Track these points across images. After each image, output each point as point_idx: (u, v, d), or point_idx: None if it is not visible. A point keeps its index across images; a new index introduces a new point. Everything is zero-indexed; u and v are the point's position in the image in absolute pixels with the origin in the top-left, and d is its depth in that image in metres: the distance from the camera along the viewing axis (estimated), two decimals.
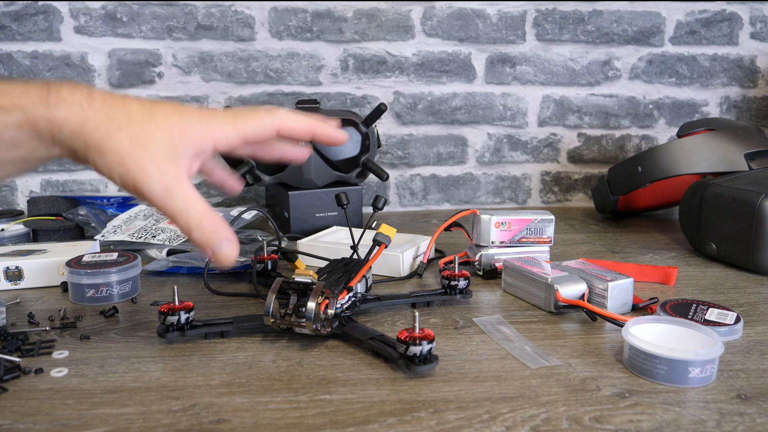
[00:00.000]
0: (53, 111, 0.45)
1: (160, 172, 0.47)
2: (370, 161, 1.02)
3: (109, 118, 0.47)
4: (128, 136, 0.47)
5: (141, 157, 0.47)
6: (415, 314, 0.52)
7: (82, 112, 0.46)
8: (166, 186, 0.47)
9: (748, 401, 0.49)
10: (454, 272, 0.69)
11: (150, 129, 0.48)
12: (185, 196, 0.48)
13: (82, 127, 0.46)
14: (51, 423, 0.45)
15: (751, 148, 0.95)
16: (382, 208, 0.78)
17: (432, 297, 0.69)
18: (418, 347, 0.51)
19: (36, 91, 0.46)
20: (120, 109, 0.48)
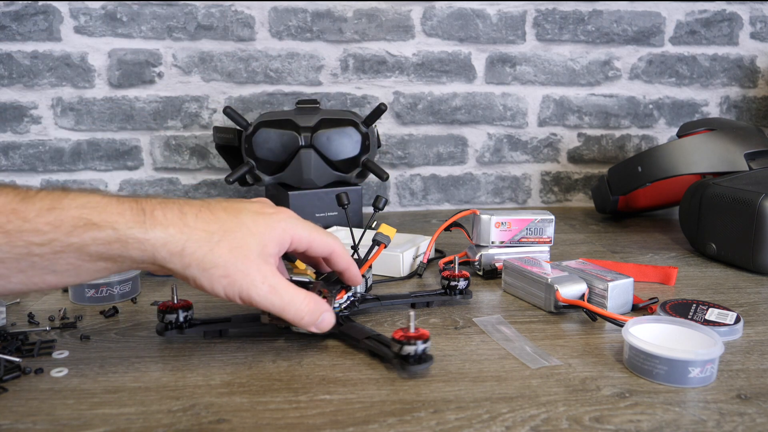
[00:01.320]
0: (149, 233, 0.47)
1: (262, 275, 0.51)
2: (370, 161, 1.02)
3: (207, 233, 0.49)
4: (228, 247, 0.50)
5: (243, 266, 0.50)
6: (410, 314, 0.52)
7: (180, 233, 0.48)
8: (271, 285, 0.51)
9: (748, 401, 0.49)
10: (454, 272, 0.69)
11: (244, 236, 0.51)
12: (288, 289, 0.52)
13: (183, 248, 0.48)
14: (51, 423, 0.45)
15: (751, 148, 0.95)
16: (383, 208, 0.78)
17: (432, 297, 0.69)
18: (412, 347, 0.51)
19: (130, 213, 0.47)
20: (213, 222, 0.50)
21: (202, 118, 1.20)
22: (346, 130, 1.00)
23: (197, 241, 0.49)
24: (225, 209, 0.52)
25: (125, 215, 0.47)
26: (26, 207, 0.45)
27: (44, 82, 1.15)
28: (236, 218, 0.52)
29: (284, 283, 0.52)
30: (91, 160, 1.19)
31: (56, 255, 0.46)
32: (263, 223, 0.52)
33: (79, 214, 0.46)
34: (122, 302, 0.70)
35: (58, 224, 0.45)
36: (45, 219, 0.45)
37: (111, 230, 0.47)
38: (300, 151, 0.98)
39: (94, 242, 0.46)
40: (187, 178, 1.22)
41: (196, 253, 0.49)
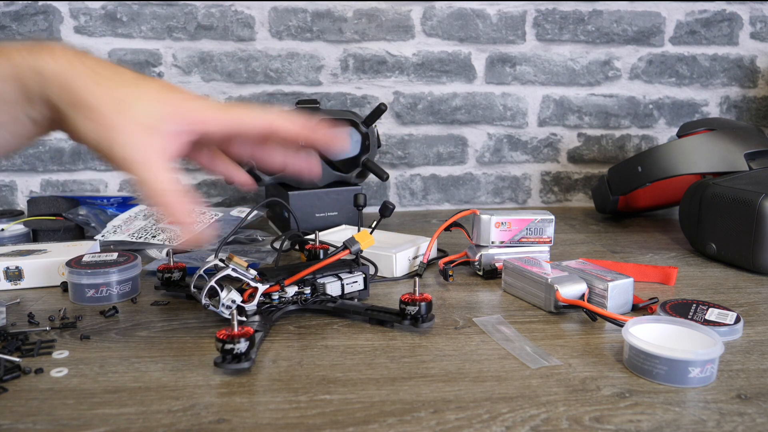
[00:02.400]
0: (41, 63, 0.44)
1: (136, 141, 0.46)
2: (370, 161, 1.02)
3: (98, 75, 0.46)
4: (114, 97, 0.45)
5: (120, 121, 0.45)
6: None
7: (71, 67, 0.45)
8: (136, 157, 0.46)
9: (748, 401, 0.49)
10: (414, 295, 0.61)
11: (138, 94, 0.46)
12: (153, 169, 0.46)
13: (69, 81, 0.45)
14: (51, 423, 0.45)
15: (751, 148, 0.95)
16: (389, 215, 0.78)
17: (385, 316, 0.63)
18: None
19: (27, 45, 0.45)
20: (110, 69, 0.47)
21: None
22: (346, 130, 1.00)
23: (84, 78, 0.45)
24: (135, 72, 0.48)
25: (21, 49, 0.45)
26: None
27: None
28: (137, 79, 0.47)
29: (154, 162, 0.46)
30: (91, 160, 1.19)
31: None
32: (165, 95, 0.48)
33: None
34: (122, 302, 0.70)
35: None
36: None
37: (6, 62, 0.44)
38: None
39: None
40: (187, 178, 1.22)
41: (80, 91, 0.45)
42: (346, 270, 0.69)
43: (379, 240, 0.88)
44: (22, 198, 1.18)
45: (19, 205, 1.18)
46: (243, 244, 0.93)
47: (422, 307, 0.60)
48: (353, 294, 0.69)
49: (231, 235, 0.87)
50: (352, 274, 0.69)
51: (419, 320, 0.60)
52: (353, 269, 0.69)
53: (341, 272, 0.68)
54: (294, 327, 0.63)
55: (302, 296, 0.66)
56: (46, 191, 1.18)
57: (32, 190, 1.18)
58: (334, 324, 0.64)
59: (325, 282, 0.67)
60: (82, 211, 0.97)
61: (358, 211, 0.78)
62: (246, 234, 0.96)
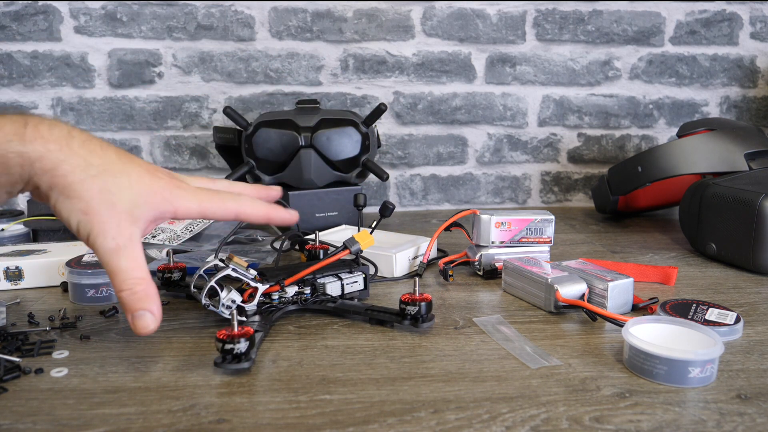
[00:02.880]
0: (27, 146, 0.45)
1: (118, 230, 0.47)
2: (370, 161, 1.02)
3: (86, 163, 0.47)
4: (100, 186, 0.47)
5: (106, 211, 0.47)
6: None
7: (60, 151, 0.45)
8: (118, 244, 0.47)
9: (748, 401, 0.49)
10: (414, 295, 0.61)
11: (122, 185, 0.48)
12: (132, 258, 0.48)
13: (56, 168, 0.45)
14: (51, 423, 0.45)
15: (751, 148, 0.95)
16: (389, 215, 0.78)
17: (385, 316, 0.63)
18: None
19: (11, 126, 0.45)
20: (99, 157, 0.47)
21: (202, 118, 1.20)
22: (346, 130, 1.00)
23: (73, 166, 0.46)
24: (118, 153, 0.49)
25: (5, 129, 0.44)
26: None
27: (44, 82, 1.15)
28: (124, 165, 0.49)
29: (134, 253, 0.48)
30: None
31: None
32: (148, 183, 0.49)
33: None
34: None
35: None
36: None
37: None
38: (300, 151, 0.98)
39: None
40: None
41: (67, 177, 0.46)
42: (346, 270, 0.69)
43: (379, 240, 0.88)
44: (22, 198, 1.18)
45: (19, 205, 1.18)
46: (243, 244, 0.93)
47: (422, 307, 0.60)
48: (353, 294, 0.69)
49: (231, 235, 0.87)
50: (352, 274, 0.69)
51: (419, 320, 0.60)
52: (353, 269, 0.69)
53: (341, 272, 0.68)
54: (294, 327, 0.63)
55: (302, 296, 0.66)
56: None
57: None
58: (334, 324, 0.64)
59: (325, 282, 0.67)
60: None
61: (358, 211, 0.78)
62: (246, 234, 0.96)
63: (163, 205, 0.50)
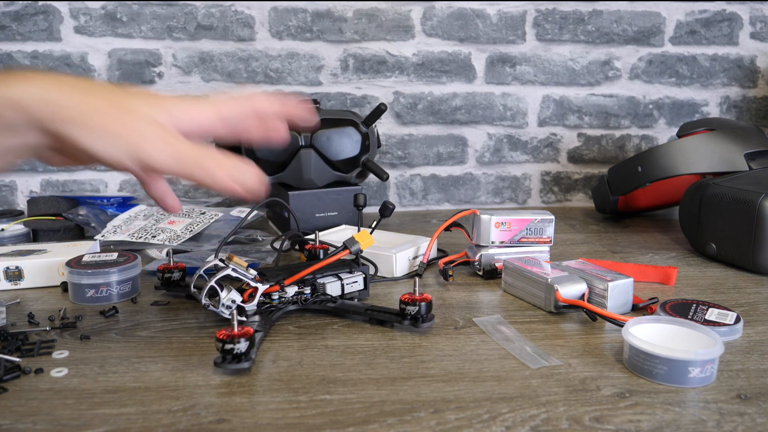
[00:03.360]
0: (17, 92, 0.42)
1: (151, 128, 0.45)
2: (370, 161, 1.02)
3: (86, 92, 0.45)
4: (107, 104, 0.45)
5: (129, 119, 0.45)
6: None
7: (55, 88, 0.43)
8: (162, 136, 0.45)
9: (748, 401, 0.49)
10: (414, 295, 0.61)
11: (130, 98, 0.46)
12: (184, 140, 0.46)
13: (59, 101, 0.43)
14: (51, 423, 0.45)
15: (751, 148, 0.95)
16: (389, 215, 0.78)
17: (385, 316, 0.62)
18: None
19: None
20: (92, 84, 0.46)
21: None
22: (346, 130, 1.00)
23: (71, 92, 0.43)
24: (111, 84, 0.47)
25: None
26: None
27: None
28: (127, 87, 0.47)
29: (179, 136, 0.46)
30: None
31: None
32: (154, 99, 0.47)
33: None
34: (122, 302, 0.70)
35: None
36: None
37: None
38: (300, 151, 0.98)
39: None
40: None
41: (71, 104, 0.43)
42: (346, 270, 0.69)
43: (379, 240, 0.88)
44: (22, 198, 1.18)
45: (19, 205, 1.18)
46: (243, 244, 0.93)
47: (422, 307, 0.60)
48: (353, 294, 0.69)
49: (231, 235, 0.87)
50: (352, 274, 0.69)
51: (419, 320, 0.60)
52: (353, 269, 0.69)
53: (341, 272, 0.68)
54: (294, 327, 0.63)
55: (302, 296, 0.66)
56: (46, 191, 1.18)
57: (32, 190, 1.18)
58: (334, 324, 0.64)
59: (325, 282, 0.67)
60: (82, 211, 0.97)
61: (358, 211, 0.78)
62: (246, 234, 0.96)
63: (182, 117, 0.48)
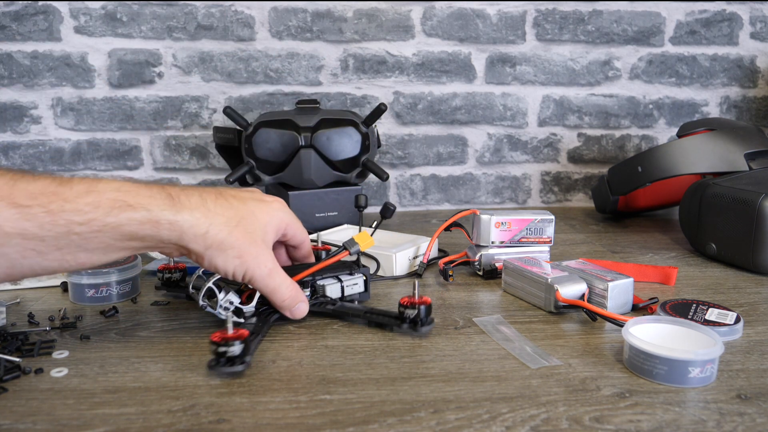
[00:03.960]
0: (178, 216, 0.53)
1: (265, 258, 0.58)
2: (370, 161, 1.02)
3: (226, 218, 0.56)
4: (243, 232, 0.56)
5: (254, 249, 0.57)
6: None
7: (205, 218, 0.54)
8: (270, 269, 0.58)
9: (748, 401, 0.49)
10: (414, 299, 0.60)
11: (253, 222, 0.58)
12: (280, 273, 0.59)
13: (207, 231, 0.54)
14: (51, 423, 0.45)
15: (751, 148, 0.95)
16: (390, 216, 0.78)
17: (384, 319, 0.62)
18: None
19: (160, 197, 0.53)
20: (229, 209, 0.57)
21: (202, 118, 1.20)
22: (346, 130, 1.00)
23: (219, 225, 0.55)
24: (235, 197, 0.58)
25: (156, 198, 0.52)
26: (65, 190, 0.49)
27: (44, 82, 1.15)
28: (245, 206, 0.58)
29: (278, 269, 0.59)
30: (91, 160, 1.19)
31: (93, 234, 0.50)
32: (266, 211, 0.60)
33: (115, 196, 0.51)
34: (122, 302, 0.70)
35: (96, 205, 0.50)
36: (84, 200, 0.49)
37: (145, 211, 0.51)
38: (300, 151, 0.98)
39: (129, 222, 0.51)
40: (187, 178, 1.22)
41: (218, 236, 0.55)
42: (346, 272, 0.68)
43: (380, 239, 0.88)
44: None
45: None
46: None
47: (421, 311, 0.60)
48: (353, 296, 0.68)
49: None
50: (353, 276, 0.68)
51: (418, 324, 0.60)
52: (354, 271, 0.69)
53: (341, 274, 0.68)
54: (294, 327, 0.63)
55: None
56: None
57: None
58: (334, 324, 0.64)
59: (324, 284, 0.66)
60: None
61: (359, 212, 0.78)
62: None
63: (280, 224, 0.62)
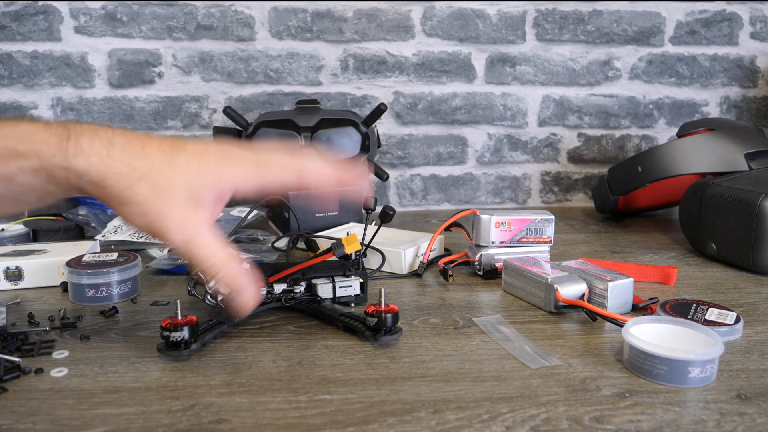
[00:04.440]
0: (71, 161, 0.46)
1: (182, 223, 0.48)
2: (370, 161, 1.02)
3: (129, 168, 0.47)
4: (149, 186, 0.47)
5: (162, 207, 0.47)
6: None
7: (101, 164, 0.46)
8: (187, 236, 0.48)
9: (748, 401, 0.49)
10: (380, 307, 0.58)
11: (170, 177, 0.48)
12: (206, 245, 0.49)
13: (102, 180, 0.46)
14: (51, 423, 0.45)
15: (751, 148, 0.95)
16: (389, 221, 0.78)
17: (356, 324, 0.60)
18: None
19: (55, 139, 0.46)
20: (140, 158, 0.47)
21: (202, 118, 1.20)
22: (346, 130, 1.00)
23: (117, 175, 0.46)
24: (160, 146, 0.48)
25: (49, 143, 0.46)
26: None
27: (44, 82, 1.15)
28: (169, 158, 0.48)
29: (206, 239, 0.49)
30: None
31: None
32: (197, 166, 0.48)
33: (5, 143, 0.45)
34: (122, 302, 0.70)
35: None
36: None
37: (35, 159, 0.45)
38: None
39: (21, 171, 0.45)
40: None
41: (115, 187, 0.46)
42: (341, 273, 0.68)
43: (386, 236, 0.89)
44: None
45: None
46: (244, 243, 0.93)
47: (385, 319, 0.57)
48: (349, 299, 0.67)
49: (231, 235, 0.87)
50: (348, 278, 0.67)
51: (380, 332, 0.58)
52: (350, 273, 0.67)
53: (336, 275, 0.67)
54: (294, 327, 0.63)
55: (290, 294, 0.65)
56: None
57: None
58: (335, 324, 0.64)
59: (317, 283, 0.66)
60: (82, 211, 0.97)
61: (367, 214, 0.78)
62: (247, 233, 0.96)
63: (219, 183, 0.49)
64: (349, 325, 0.61)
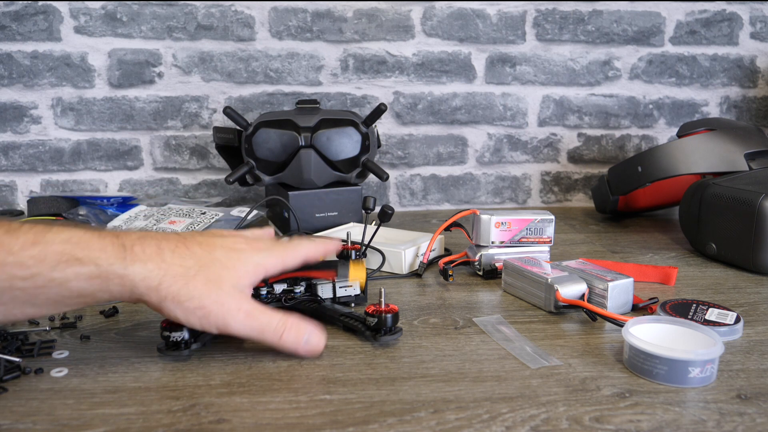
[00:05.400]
0: (129, 268, 0.49)
1: (237, 303, 0.52)
2: (370, 161, 1.02)
3: (183, 268, 0.51)
4: (203, 281, 0.51)
5: (218, 296, 0.52)
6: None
7: (158, 268, 0.50)
8: (246, 311, 0.53)
9: (748, 401, 0.49)
10: (380, 307, 0.59)
11: (218, 270, 0.53)
12: (263, 312, 0.54)
13: (160, 283, 0.50)
14: (51, 423, 0.45)
15: (751, 148, 0.95)
16: (388, 220, 0.78)
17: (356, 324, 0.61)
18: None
19: (111, 248, 0.49)
20: (189, 258, 0.52)
21: (202, 118, 1.20)
22: (346, 130, 1.00)
23: (174, 276, 0.50)
24: (200, 244, 0.54)
25: (107, 251, 0.48)
26: (10, 240, 0.46)
27: (44, 82, 1.15)
28: (210, 254, 0.53)
29: (259, 308, 0.54)
30: (91, 160, 1.19)
31: (38, 290, 0.47)
32: (236, 258, 0.54)
33: (63, 249, 0.47)
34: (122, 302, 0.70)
35: (42, 258, 0.46)
36: (29, 252, 0.46)
37: (93, 266, 0.48)
38: (300, 151, 0.98)
39: (76, 278, 0.47)
40: (187, 178, 1.22)
41: (172, 287, 0.50)
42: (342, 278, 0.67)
43: (386, 236, 0.89)
44: (22, 198, 1.18)
45: (19, 205, 1.18)
46: None
47: (385, 319, 0.58)
48: (349, 299, 0.67)
49: None
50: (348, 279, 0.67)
51: (380, 332, 0.58)
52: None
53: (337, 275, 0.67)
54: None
55: (290, 294, 0.65)
56: (46, 191, 1.18)
57: (32, 190, 1.18)
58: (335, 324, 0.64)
59: (317, 283, 0.66)
60: (82, 211, 0.97)
61: (367, 214, 0.78)
62: None
63: (257, 270, 0.55)
64: (349, 325, 0.61)
